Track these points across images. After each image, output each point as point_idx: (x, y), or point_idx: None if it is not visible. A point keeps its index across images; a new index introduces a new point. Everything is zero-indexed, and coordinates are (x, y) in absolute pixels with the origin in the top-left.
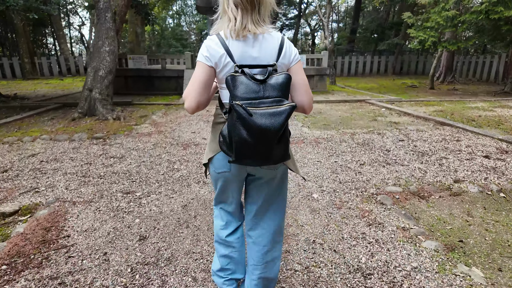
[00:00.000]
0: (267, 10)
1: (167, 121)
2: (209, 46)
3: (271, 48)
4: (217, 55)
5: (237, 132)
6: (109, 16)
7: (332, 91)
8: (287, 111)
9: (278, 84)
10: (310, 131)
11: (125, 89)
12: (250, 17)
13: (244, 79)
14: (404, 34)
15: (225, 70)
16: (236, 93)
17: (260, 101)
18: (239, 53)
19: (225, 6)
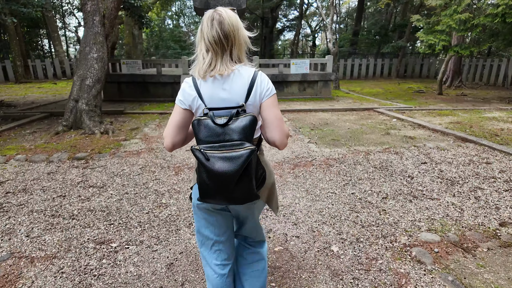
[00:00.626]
0: (241, 51)
1: (160, 134)
2: (184, 90)
3: (240, 87)
4: (190, 98)
5: (199, 174)
6: (97, 20)
7: (337, 97)
8: (246, 154)
9: (241, 127)
10: (318, 148)
11: (119, 95)
12: (220, 60)
13: (208, 123)
14: (409, 36)
15: (199, 111)
16: (200, 136)
17: (221, 144)
18: (209, 96)
19: (198, 49)
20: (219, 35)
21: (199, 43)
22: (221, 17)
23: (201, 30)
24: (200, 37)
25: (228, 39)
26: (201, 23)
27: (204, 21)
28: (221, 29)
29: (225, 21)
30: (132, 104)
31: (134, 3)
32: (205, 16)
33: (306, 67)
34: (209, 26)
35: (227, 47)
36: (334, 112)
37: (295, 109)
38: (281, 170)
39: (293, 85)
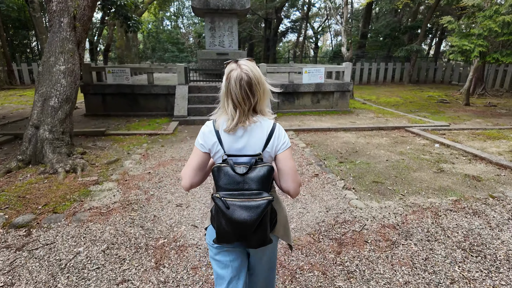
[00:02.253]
0: (264, 104)
1: (145, 172)
2: (204, 134)
3: (259, 138)
4: (210, 143)
5: (218, 220)
6: (66, 22)
7: (354, 109)
8: (263, 205)
9: (259, 177)
10: (361, 201)
11: (103, 109)
12: (246, 116)
13: (228, 170)
14: (422, 39)
15: (217, 155)
16: (220, 183)
17: (240, 192)
18: (229, 143)
19: (224, 103)
20: (247, 95)
21: (225, 98)
22: (248, 77)
23: (227, 88)
24: (227, 95)
25: (254, 96)
26: (228, 80)
27: (232, 80)
28: (249, 90)
29: (253, 81)
30: (118, 120)
31: (117, 2)
32: (232, 74)
33: (321, 75)
34: (238, 87)
35: (253, 102)
36: (359, 133)
37: (311, 127)
38: (321, 255)
39: (305, 96)
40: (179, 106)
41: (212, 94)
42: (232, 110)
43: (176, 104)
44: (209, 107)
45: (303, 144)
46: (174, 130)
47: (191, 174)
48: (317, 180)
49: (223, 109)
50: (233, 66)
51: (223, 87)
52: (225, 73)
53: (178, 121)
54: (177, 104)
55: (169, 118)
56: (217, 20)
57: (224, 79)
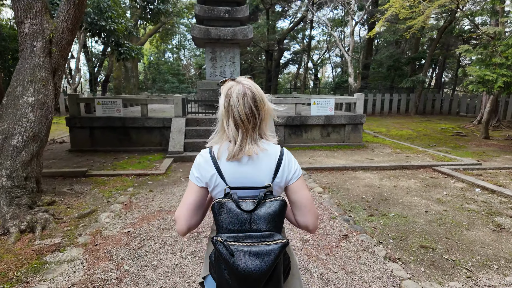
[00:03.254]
0: (268, 124)
1: (123, 232)
2: (200, 166)
3: (266, 166)
4: (208, 175)
5: (218, 271)
6: (39, 47)
7: (367, 143)
8: (277, 250)
9: (270, 215)
10: (417, 283)
11: (91, 144)
12: (250, 138)
13: (231, 207)
14: (427, 70)
15: (217, 189)
16: (221, 223)
17: (247, 234)
18: (231, 173)
19: (224, 124)
20: (252, 111)
21: (224, 118)
22: (252, 92)
23: (228, 107)
24: (227, 114)
25: (259, 114)
26: (227, 97)
27: (233, 95)
28: (254, 105)
29: (257, 96)
30: (106, 157)
31: (106, 26)
32: (233, 89)
33: (331, 107)
34: (241, 103)
35: (258, 122)
36: (381, 173)
37: (324, 166)
38: None
39: (314, 129)
40: (174, 141)
41: (211, 127)
42: (234, 131)
43: (172, 138)
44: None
45: (319, 188)
46: (167, 169)
47: (188, 215)
48: (347, 244)
49: (222, 132)
50: (232, 83)
51: (221, 106)
52: (223, 91)
53: (173, 157)
54: (172, 139)
55: (163, 154)
56: (218, 50)
57: (222, 98)
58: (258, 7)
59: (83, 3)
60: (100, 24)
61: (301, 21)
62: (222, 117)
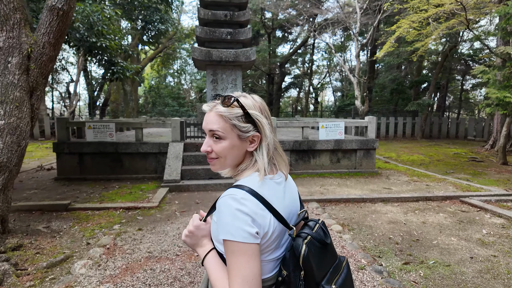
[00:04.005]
0: None
1: (100, 287)
2: (254, 213)
3: (295, 192)
4: (266, 223)
5: None
6: (15, 63)
7: (379, 169)
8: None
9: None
10: None
11: (80, 171)
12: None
13: (312, 247)
14: (432, 93)
15: (272, 238)
16: (316, 272)
17: (333, 268)
18: (281, 209)
19: (255, 151)
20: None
21: (272, 137)
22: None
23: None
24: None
25: None
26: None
27: (265, 112)
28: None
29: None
30: (94, 187)
31: (97, 42)
32: (263, 106)
33: (341, 131)
34: (267, 117)
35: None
36: (403, 205)
37: (338, 197)
38: None
39: (323, 155)
40: (171, 168)
41: None
42: (264, 152)
43: (168, 165)
44: (208, 169)
45: (337, 225)
46: (161, 200)
47: None
48: None
49: (252, 162)
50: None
51: (269, 127)
52: (258, 108)
53: (168, 187)
54: (168, 166)
55: (158, 183)
56: (219, 73)
57: (261, 116)
58: (259, 32)
59: (69, 14)
60: (91, 40)
61: (303, 45)
62: (271, 137)
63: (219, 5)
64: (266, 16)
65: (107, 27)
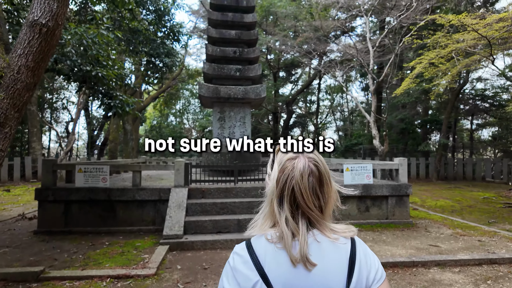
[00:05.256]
0: (330, 210)
1: None
2: (235, 270)
3: (335, 266)
4: (248, 285)
5: None
6: None
7: (412, 218)
8: None
9: None
10: None
11: (64, 223)
12: (308, 224)
13: None
14: (445, 133)
15: None
16: None
17: None
18: (283, 281)
19: (275, 209)
20: (317, 196)
21: (275, 200)
22: (319, 171)
23: (283, 184)
24: (283, 193)
25: (323, 194)
26: (284, 172)
27: (296, 172)
28: (320, 189)
29: (323, 176)
30: (80, 243)
31: (92, 71)
32: (296, 164)
33: (368, 174)
34: (306, 183)
35: (322, 204)
36: (466, 270)
37: (384, 261)
38: None
39: (349, 202)
40: (172, 220)
41: (221, 199)
42: (291, 221)
43: (169, 216)
44: (216, 220)
45: None
46: (160, 265)
47: None
48: None
49: (269, 219)
50: (292, 153)
51: (272, 180)
52: (278, 160)
53: (169, 244)
54: (169, 217)
55: (156, 238)
56: (227, 110)
57: (275, 169)
58: (263, 73)
59: (55, 33)
60: (85, 69)
61: (310, 83)
62: (273, 198)
63: (227, 42)
64: (271, 55)
65: (103, 52)
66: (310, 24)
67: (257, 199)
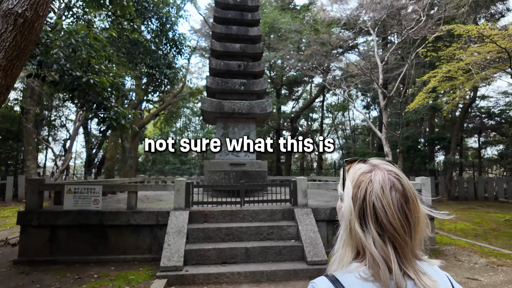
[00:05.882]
0: (422, 236)
1: None
2: None
3: None
4: None
5: None
6: None
7: (435, 245)
8: None
9: None
10: None
11: (49, 251)
12: (407, 257)
13: None
14: (454, 151)
15: None
16: None
17: None
18: None
19: (356, 230)
20: (402, 208)
21: (352, 220)
22: (402, 185)
23: (364, 201)
24: (363, 213)
25: (411, 212)
26: (360, 187)
27: (375, 185)
28: (407, 206)
29: (408, 192)
30: (65, 276)
31: (82, 77)
32: (372, 177)
33: None
34: (389, 197)
35: (411, 227)
36: None
37: None
38: None
39: None
40: (171, 249)
41: (226, 224)
42: (380, 243)
43: (167, 244)
44: (221, 248)
45: None
46: None
47: None
48: None
49: (350, 246)
50: (365, 166)
51: (347, 199)
52: (351, 177)
53: (167, 278)
54: (168, 245)
55: (153, 269)
56: (231, 126)
57: (349, 187)
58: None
59: (34, 26)
60: (75, 75)
61: (314, 100)
62: (351, 217)
63: (232, 55)
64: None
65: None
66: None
67: (266, 224)
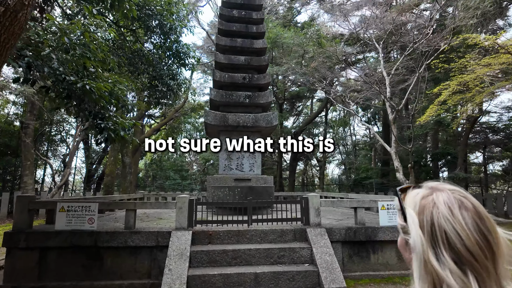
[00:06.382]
0: (503, 262)
1: None
2: None
3: None
4: None
5: None
6: None
7: None
8: None
9: None
10: None
11: (37, 276)
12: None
13: None
14: (462, 166)
15: None
16: None
17: None
18: None
19: (432, 262)
20: (482, 232)
21: (430, 252)
22: (472, 204)
23: (431, 226)
24: (434, 239)
25: (490, 233)
26: (423, 212)
27: (441, 207)
28: (480, 220)
29: (482, 213)
30: None
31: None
32: (435, 199)
33: None
34: (461, 218)
35: (494, 255)
36: None
37: None
38: None
39: (387, 248)
40: (172, 274)
41: (232, 245)
42: (459, 274)
43: (168, 269)
44: (227, 274)
45: None
46: None
47: None
48: None
49: (426, 282)
50: (423, 190)
51: (415, 230)
52: (412, 204)
53: None
54: (169, 270)
55: None
56: (235, 139)
57: (412, 215)
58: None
59: (17, 17)
60: (69, 79)
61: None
62: (423, 248)
63: (236, 68)
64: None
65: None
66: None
67: (277, 246)
